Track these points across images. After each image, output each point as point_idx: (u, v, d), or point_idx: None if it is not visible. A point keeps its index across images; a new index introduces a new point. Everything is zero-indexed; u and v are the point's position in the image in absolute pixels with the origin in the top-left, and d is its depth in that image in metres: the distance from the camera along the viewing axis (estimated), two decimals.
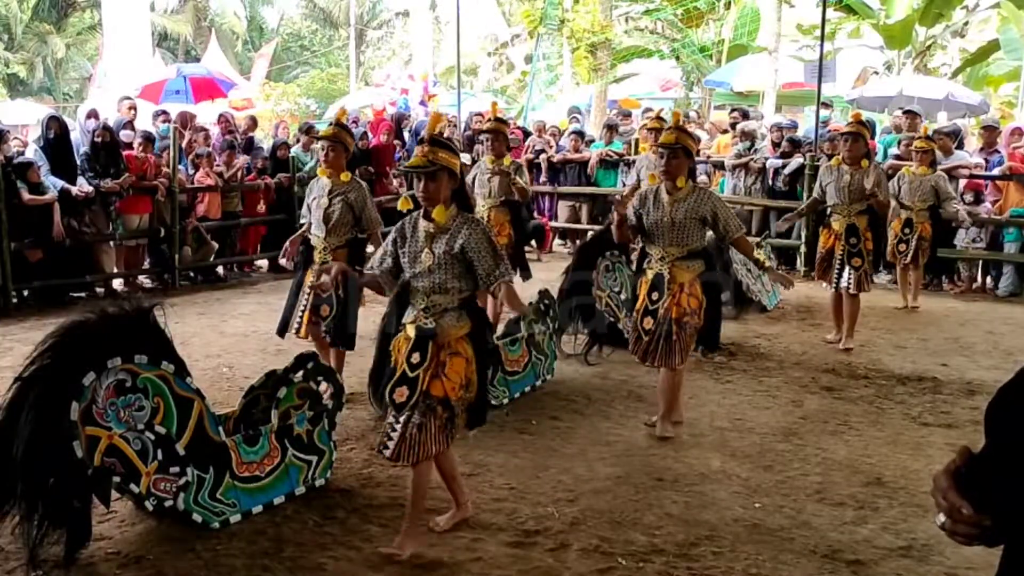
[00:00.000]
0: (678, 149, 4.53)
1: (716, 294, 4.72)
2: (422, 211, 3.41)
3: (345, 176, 5.14)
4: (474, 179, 6.44)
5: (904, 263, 8.09)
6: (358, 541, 3.51)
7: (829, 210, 6.56)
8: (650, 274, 4.66)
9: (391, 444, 3.32)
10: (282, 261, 5.73)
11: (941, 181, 7.96)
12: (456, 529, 3.62)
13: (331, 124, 5.37)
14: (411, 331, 3.37)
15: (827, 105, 12.94)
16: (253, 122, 11.48)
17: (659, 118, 8.46)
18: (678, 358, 4.58)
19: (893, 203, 7.95)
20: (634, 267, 5.30)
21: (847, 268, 6.45)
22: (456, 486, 3.65)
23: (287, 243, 5.51)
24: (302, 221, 5.40)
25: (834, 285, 6.60)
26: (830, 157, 7.71)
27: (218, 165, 9.46)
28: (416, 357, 3.32)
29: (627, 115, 13.10)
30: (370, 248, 5.17)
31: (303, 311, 5.14)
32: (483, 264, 3.31)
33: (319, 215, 5.10)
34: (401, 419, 3.31)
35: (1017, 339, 7.20)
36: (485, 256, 3.31)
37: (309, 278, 5.12)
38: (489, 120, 6.57)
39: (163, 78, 15.75)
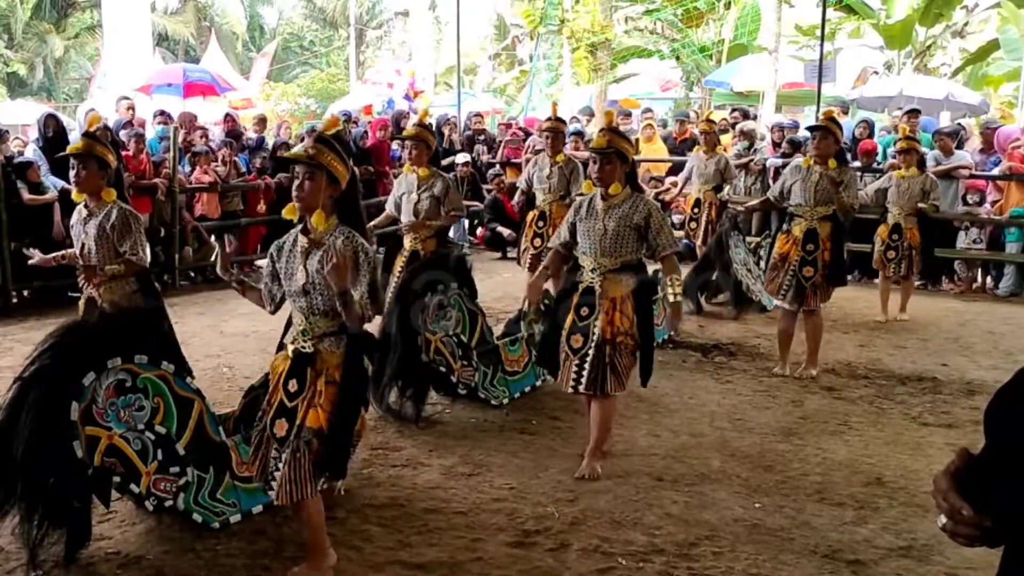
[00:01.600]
0: (611, 153, 4.15)
1: (649, 314, 4.22)
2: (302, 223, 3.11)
3: (427, 171, 5.69)
4: (533, 175, 7.00)
5: (890, 274, 7.64)
6: (358, 541, 3.51)
7: (791, 212, 5.86)
8: (580, 287, 4.24)
9: (275, 486, 3.04)
10: None
11: (930, 183, 7.55)
12: (456, 529, 3.62)
13: (414, 124, 5.99)
14: (290, 352, 3.12)
15: (845, 111, 12.95)
16: (262, 122, 11.45)
17: (709, 120, 8.83)
18: (612, 383, 4.11)
19: (869, 197, 7.69)
20: None
21: (797, 279, 5.73)
22: (318, 537, 3.20)
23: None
24: (388, 209, 5.93)
25: (781, 300, 5.85)
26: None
27: (216, 165, 9.45)
28: (294, 384, 3.04)
29: (627, 115, 13.09)
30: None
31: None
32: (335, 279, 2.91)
33: (410, 209, 5.66)
34: (283, 456, 3.01)
35: (1017, 339, 7.20)
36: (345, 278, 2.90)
37: (400, 262, 5.67)
38: (549, 119, 7.12)
39: (165, 80, 15.76)
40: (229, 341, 6.84)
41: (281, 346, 3.26)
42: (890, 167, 8.53)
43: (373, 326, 3.47)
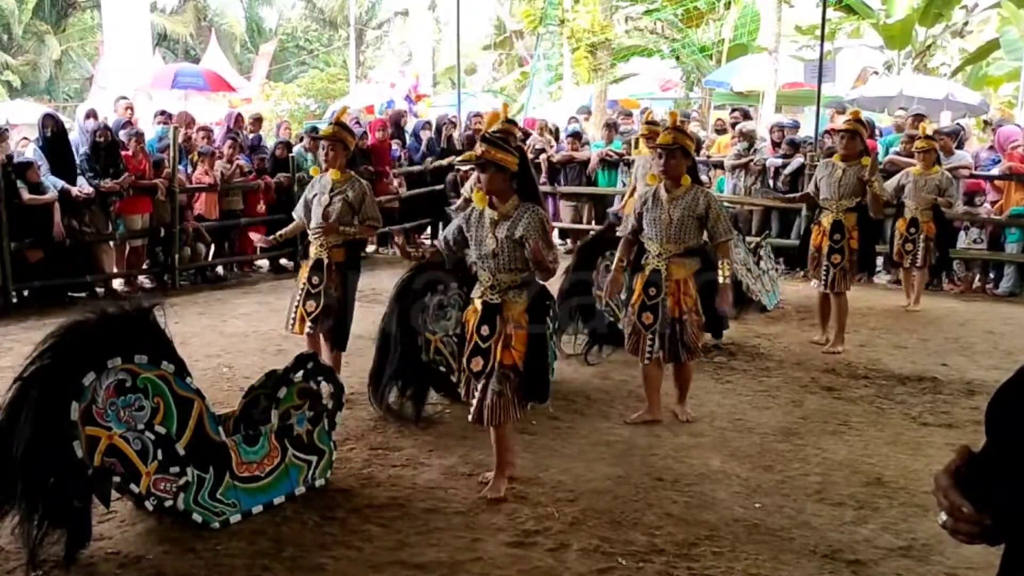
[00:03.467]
0: (676, 149, 4.66)
1: (712, 289, 4.77)
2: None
3: (344, 174, 5.18)
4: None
5: (909, 265, 8.09)
6: (358, 541, 3.51)
7: (820, 206, 6.55)
8: (647, 270, 4.78)
9: (472, 410, 3.82)
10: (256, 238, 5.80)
11: (944, 181, 7.97)
12: (456, 529, 3.62)
13: (331, 123, 5.42)
14: (478, 304, 3.81)
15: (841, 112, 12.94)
16: (258, 122, 11.45)
17: (652, 122, 8.55)
18: (685, 355, 4.76)
19: (887, 196, 7.94)
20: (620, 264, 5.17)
21: (829, 266, 6.41)
22: (508, 455, 3.96)
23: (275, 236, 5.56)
24: (294, 216, 5.41)
25: (821, 283, 6.54)
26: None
27: (223, 160, 9.44)
28: (485, 329, 3.75)
29: (627, 115, 13.09)
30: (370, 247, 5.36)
31: (296, 306, 5.17)
32: (534, 246, 3.66)
33: (319, 212, 5.14)
34: (479, 386, 3.77)
35: (1017, 339, 7.20)
36: (539, 240, 3.68)
37: (304, 271, 5.19)
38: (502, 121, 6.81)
39: (159, 84, 15.76)
40: (229, 341, 6.84)
41: (468, 301, 3.95)
42: (889, 163, 8.65)
43: None
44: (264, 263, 10.42)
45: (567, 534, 3.59)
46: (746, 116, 11.73)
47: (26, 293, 8.16)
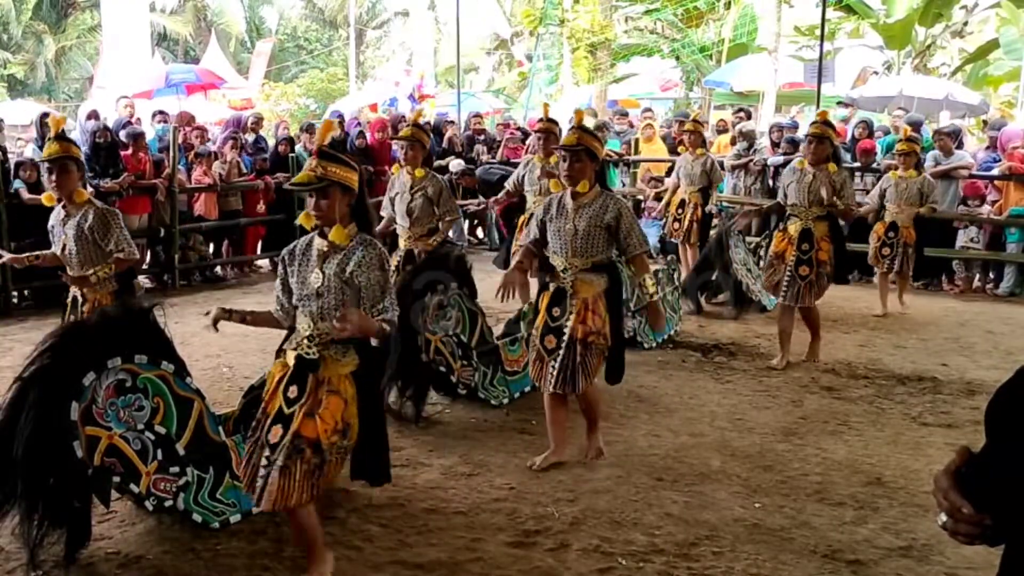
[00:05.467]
0: (580, 151, 4.10)
1: (619, 313, 4.25)
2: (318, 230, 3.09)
3: (422, 171, 5.67)
4: (523, 177, 6.90)
5: (886, 270, 7.85)
6: (358, 541, 3.51)
7: (788, 212, 6.06)
8: (552, 287, 4.23)
9: (257, 489, 2.97)
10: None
11: (927, 186, 7.73)
12: (456, 529, 3.62)
13: (409, 125, 5.88)
14: (291, 358, 3.05)
15: (847, 106, 12.97)
16: (259, 121, 11.42)
17: (696, 121, 8.69)
18: (582, 382, 4.13)
19: (872, 204, 7.87)
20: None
21: (795, 278, 5.91)
22: (314, 542, 3.16)
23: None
24: (382, 214, 5.83)
25: (782, 298, 6.02)
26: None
27: (223, 159, 9.43)
28: (294, 391, 3.00)
29: (623, 114, 13.09)
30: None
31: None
32: (369, 295, 2.98)
33: (403, 209, 5.67)
34: (270, 460, 2.94)
35: (1017, 339, 7.20)
36: (374, 286, 2.98)
37: (394, 261, 5.53)
38: (541, 120, 6.82)
39: (154, 84, 15.72)
40: (229, 341, 6.83)
41: (279, 352, 3.16)
42: (887, 168, 8.57)
43: None
44: (264, 263, 10.42)
45: (567, 534, 3.59)
46: (748, 116, 11.73)
47: (26, 293, 8.16)
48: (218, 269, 9.90)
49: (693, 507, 3.87)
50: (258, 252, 10.31)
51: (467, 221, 11.70)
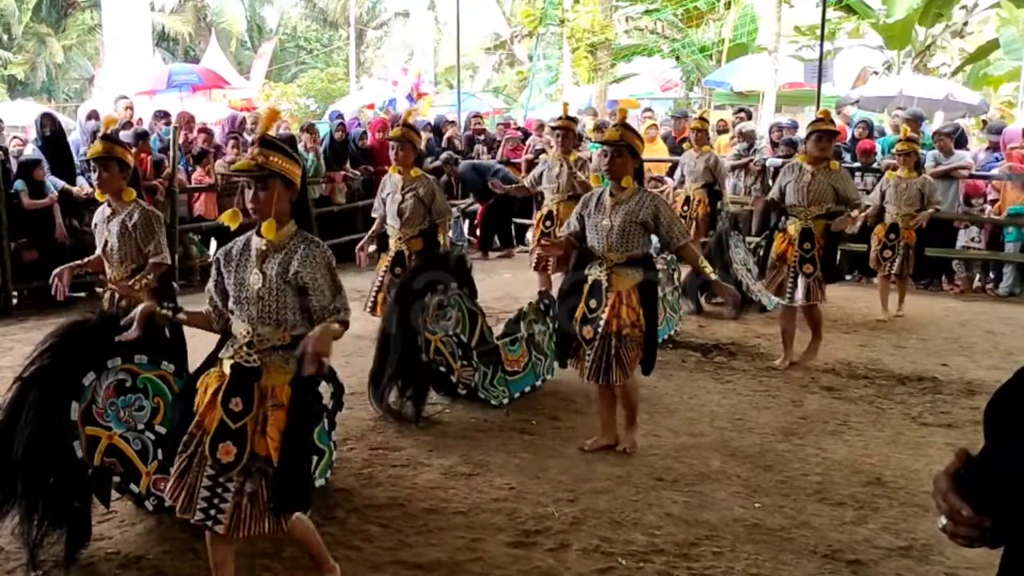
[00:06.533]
0: (623, 147, 4.23)
1: (653, 305, 4.35)
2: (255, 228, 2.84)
3: (415, 172, 5.61)
4: (541, 174, 6.91)
5: (887, 272, 7.75)
6: (358, 541, 3.51)
7: (787, 212, 5.96)
8: (590, 280, 4.34)
9: (223, 517, 2.73)
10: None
11: (928, 186, 7.66)
12: (456, 529, 3.62)
13: (399, 124, 5.80)
14: (227, 367, 2.78)
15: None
16: (256, 120, 11.37)
17: (702, 118, 8.76)
18: (617, 374, 4.26)
19: (873, 206, 7.86)
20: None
21: (800, 277, 5.86)
22: (317, 551, 3.10)
23: (361, 244, 5.88)
24: (374, 214, 5.86)
25: (787, 299, 5.95)
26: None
27: (226, 157, 9.43)
28: (238, 403, 2.72)
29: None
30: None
31: (376, 291, 5.61)
32: (318, 295, 2.74)
33: (393, 209, 5.57)
34: (230, 486, 2.73)
35: (1017, 339, 7.20)
36: (323, 285, 2.74)
37: (384, 262, 5.62)
38: (560, 118, 6.93)
39: (155, 85, 15.73)
40: None
41: (210, 362, 2.87)
42: (886, 167, 8.55)
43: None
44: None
45: (567, 534, 3.59)
46: (749, 116, 11.73)
47: (26, 293, 8.16)
48: None
49: (693, 507, 3.87)
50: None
51: (467, 221, 11.70)
